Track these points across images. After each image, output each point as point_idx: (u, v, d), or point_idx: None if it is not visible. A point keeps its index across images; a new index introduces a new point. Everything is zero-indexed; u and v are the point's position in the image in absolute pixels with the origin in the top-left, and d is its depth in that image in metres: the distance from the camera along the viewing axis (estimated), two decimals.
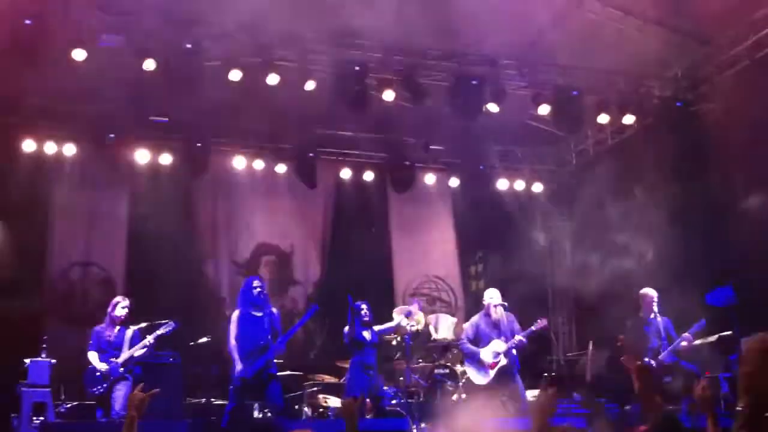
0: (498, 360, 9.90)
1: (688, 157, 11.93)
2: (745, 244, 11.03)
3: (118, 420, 8.46)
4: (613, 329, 11.21)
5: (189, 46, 10.47)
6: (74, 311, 13.23)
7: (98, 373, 9.43)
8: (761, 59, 11.19)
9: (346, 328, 10.23)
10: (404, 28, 11.15)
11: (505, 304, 10.16)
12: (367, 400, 9.91)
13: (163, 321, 9.88)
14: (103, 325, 9.80)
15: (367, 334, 10.20)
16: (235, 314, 9.34)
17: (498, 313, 10.06)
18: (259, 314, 9.24)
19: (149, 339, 9.59)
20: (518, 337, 9.93)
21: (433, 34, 11.49)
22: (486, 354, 9.99)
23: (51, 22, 10.06)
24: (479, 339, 10.10)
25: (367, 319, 10.28)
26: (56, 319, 13.01)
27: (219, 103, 11.98)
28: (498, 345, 9.97)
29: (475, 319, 10.36)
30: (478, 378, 10.05)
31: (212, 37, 10.82)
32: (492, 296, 10.20)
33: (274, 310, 9.56)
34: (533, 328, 10.07)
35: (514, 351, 10.02)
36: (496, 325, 10.05)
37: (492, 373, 9.90)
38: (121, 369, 9.46)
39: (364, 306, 10.33)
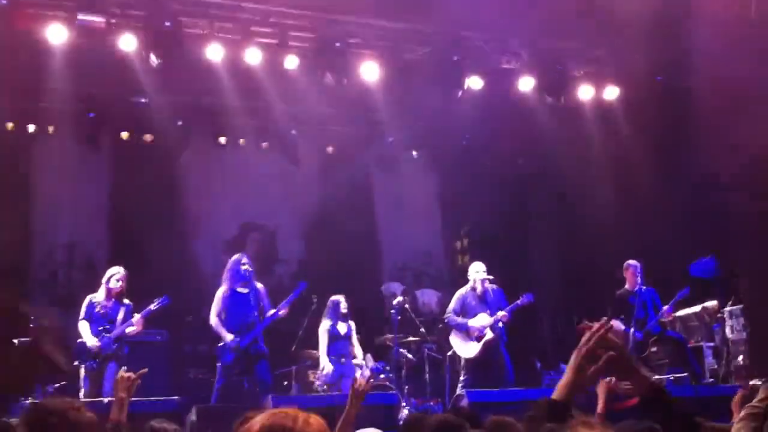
0: (484, 333, 9.95)
1: (671, 129, 11.98)
2: (726, 213, 11.14)
3: (107, 400, 8.39)
4: (599, 302, 11.32)
5: (168, 23, 10.36)
6: (59, 293, 13.19)
7: (90, 348, 9.11)
8: (743, 34, 11.20)
9: (323, 323, 10.53)
10: (385, 3, 11.10)
11: (491, 277, 10.20)
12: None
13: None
14: (97, 295, 9.44)
15: (342, 328, 10.42)
16: (220, 291, 9.35)
17: (484, 286, 10.11)
18: (245, 291, 9.25)
19: (137, 317, 9.35)
20: (502, 313, 9.98)
21: (414, 9, 11.43)
22: (472, 327, 10.04)
23: (28, 1, 9.95)
24: (465, 313, 10.16)
25: (345, 311, 10.49)
26: (41, 302, 12.97)
27: (200, 81, 11.92)
28: (484, 318, 10.02)
29: (461, 292, 10.41)
30: (465, 351, 10.11)
31: (191, 14, 10.74)
32: (478, 270, 10.24)
33: (260, 286, 9.56)
34: (518, 302, 10.12)
35: (500, 324, 10.08)
36: (482, 299, 10.11)
37: (479, 345, 9.95)
38: (114, 345, 9.19)
39: (342, 300, 10.57)
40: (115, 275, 9.45)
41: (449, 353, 11.05)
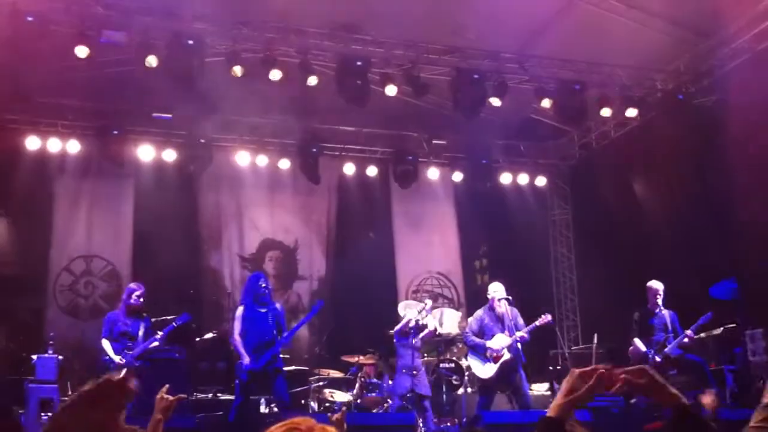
0: (502, 354, 9.90)
1: (690, 149, 11.93)
2: (747, 235, 11.06)
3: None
4: (618, 322, 11.25)
5: (191, 42, 10.46)
6: (78, 304, 13.27)
7: (113, 366, 9.09)
8: (762, 52, 11.18)
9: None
10: (406, 22, 11.16)
11: (510, 298, 10.14)
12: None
13: (171, 317, 9.77)
14: (117, 312, 9.52)
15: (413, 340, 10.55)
16: (240, 310, 9.35)
17: (502, 306, 10.04)
18: (264, 310, 9.26)
19: (159, 334, 9.38)
20: (521, 333, 9.91)
21: (435, 28, 11.49)
22: (490, 348, 9.99)
23: (53, 18, 10.07)
24: (483, 333, 10.09)
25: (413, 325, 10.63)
26: (60, 313, 13.06)
27: (222, 99, 12.00)
28: (502, 339, 9.96)
29: (479, 312, 10.35)
30: (482, 371, 10.04)
31: (214, 33, 10.85)
32: (496, 290, 10.18)
33: (278, 305, 9.57)
34: (537, 323, 10.03)
35: (518, 345, 10.01)
36: (500, 319, 10.04)
37: (496, 366, 9.90)
38: (137, 363, 9.21)
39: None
40: (135, 292, 9.53)
41: (467, 373, 11.01)
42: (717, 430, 2.60)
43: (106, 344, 9.32)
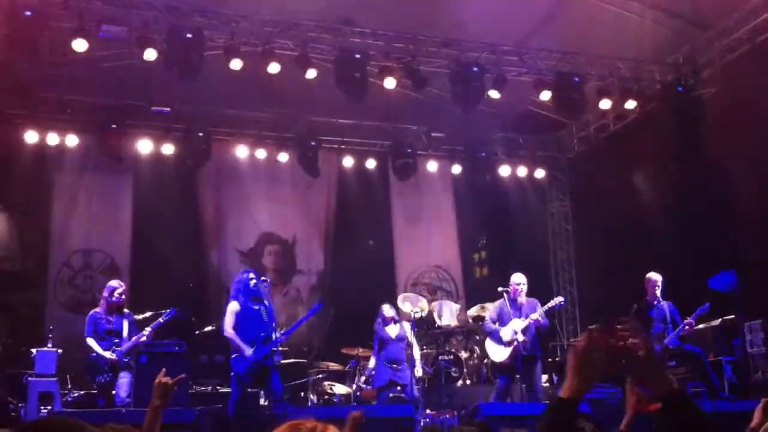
0: (515, 337, 9.95)
1: (689, 141, 11.94)
2: (746, 227, 11.07)
3: (125, 409, 8.46)
4: (617, 313, 11.26)
5: (190, 35, 10.45)
6: (78, 299, 13.28)
7: (103, 362, 9.16)
8: (762, 44, 11.18)
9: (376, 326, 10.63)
10: (404, 14, 11.15)
11: (516, 288, 10.24)
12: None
13: (163, 311, 9.78)
14: (99, 310, 9.48)
15: (392, 330, 10.50)
16: (234, 306, 9.27)
17: (521, 297, 10.15)
18: (257, 307, 9.25)
19: (147, 330, 9.40)
20: (535, 315, 9.98)
21: (434, 21, 11.48)
22: (505, 332, 10.06)
23: (51, 13, 10.05)
24: (500, 321, 10.21)
25: (389, 315, 10.62)
26: (60, 308, 13.07)
27: (221, 92, 11.99)
28: (515, 323, 10.04)
29: (499, 302, 10.45)
30: (496, 354, 10.15)
31: (213, 26, 10.83)
32: (518, 281, 10.27)
33: (266, 302, 9.52)
34: (550, 304, 10.20)
35: (524, 334, 10.02)
36: (518, 309, 10.13)
37: (509, 349, 9.97)
38: (126, 358, 9.25)
39: (386, 307, 10.66)
40: (117, 289, 9.50)
41: (486, 361, 11.09)
42: (707, 417, 2.58)
43: (92, 342, 9.30)
